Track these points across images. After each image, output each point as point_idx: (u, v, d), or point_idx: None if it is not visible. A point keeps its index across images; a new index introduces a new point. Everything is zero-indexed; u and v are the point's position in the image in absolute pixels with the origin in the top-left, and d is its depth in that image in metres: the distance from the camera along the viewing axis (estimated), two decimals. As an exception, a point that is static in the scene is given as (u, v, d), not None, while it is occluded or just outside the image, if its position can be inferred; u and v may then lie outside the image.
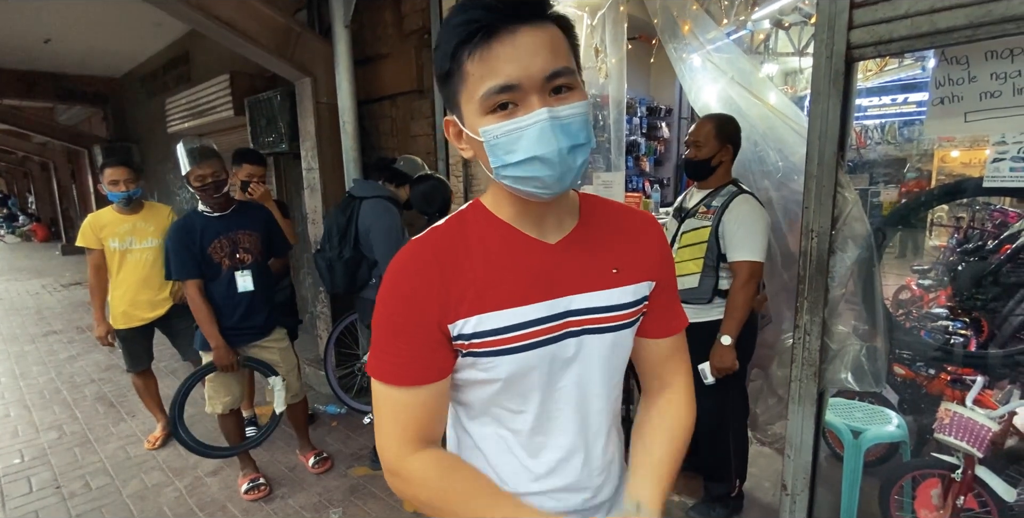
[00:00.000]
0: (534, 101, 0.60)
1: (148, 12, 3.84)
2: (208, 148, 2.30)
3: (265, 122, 3.90)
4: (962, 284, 2.48)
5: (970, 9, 1.15)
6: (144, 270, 2.80)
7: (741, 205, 1.94)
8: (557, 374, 0.74)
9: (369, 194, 2.56)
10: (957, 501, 1.68)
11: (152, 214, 2.86)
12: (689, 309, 2.04)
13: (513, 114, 0.61)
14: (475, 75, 0.60)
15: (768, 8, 3.57)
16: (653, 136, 6.09)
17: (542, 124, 0.60)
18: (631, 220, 0.79)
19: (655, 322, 0.82)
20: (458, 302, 0.68)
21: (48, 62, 6.68)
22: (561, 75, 0.61)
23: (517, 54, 0.59)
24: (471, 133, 0.64)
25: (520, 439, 0.76)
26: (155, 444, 2.96)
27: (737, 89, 2.34)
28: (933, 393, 2.20)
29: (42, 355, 4.68)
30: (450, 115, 0.69)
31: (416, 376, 0.70)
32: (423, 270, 0.69)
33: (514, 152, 0.62)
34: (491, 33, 0.59)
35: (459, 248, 0.70)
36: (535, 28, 0.60)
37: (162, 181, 7.31)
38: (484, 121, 0.62)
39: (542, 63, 0.59)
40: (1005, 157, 1.32)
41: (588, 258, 0.73)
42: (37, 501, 2.51)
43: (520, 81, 0.59)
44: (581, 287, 0.72)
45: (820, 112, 1.40)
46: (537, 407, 0.74)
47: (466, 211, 0.75)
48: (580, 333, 0.73)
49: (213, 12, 2.84)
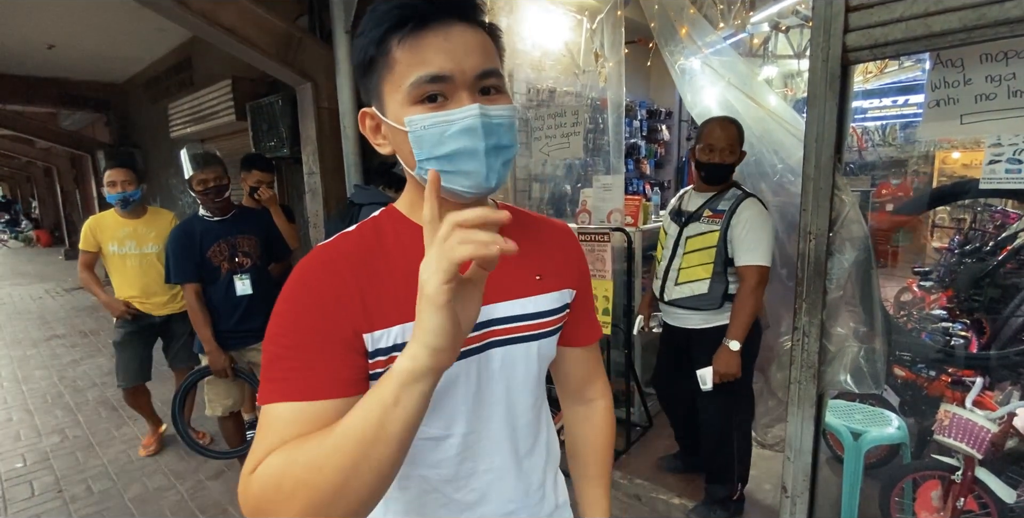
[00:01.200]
0: (464, 97, 0.58)
1: (151, 18, 3.87)
2: (210, 154, 2.33)
3: (267, 127, 3.92)
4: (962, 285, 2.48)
5: (964, 13, 1.16)
6: (146, 276, 2.78)
7: (749, 209, 1.93)
8: (483, 389, 0.69)
9: (367, 200, 2.58)
10: (957, 503, 1.68)
11: (154, 219, 2.85)
12: (697, 315, 2.06)
13: (443, 107, 0.58)
14: (404, 62, 0.58)
15: (766, 11, 3.58)
16: (653, 139, 6.10)
17: (473, 119, 0.58)
18: (550, 230, 0.79)
19: (576, 330, 0.81)
20: (376, 310, 0.61)
21: (52, 68, 6.72)
22: (492, 75, 0.60)
23: (450, 47, 0.57)
24: (394, 123, 0.61)
25: (444, 472, 0.69)
26: (151, 449, 2.92)
27: (735, 92, 2.35)
28: (933, 395, 2.20)
29: (45, 359, 4.70)
30: (368, 108, 0.66)
31: (309, 387, 0.56)
32: (334, 274, 0.61)
33: (442, 144, 0.59)
34: (424, 22, 0.57)
35: (375, 253, 0.65)
36: (468, 27, 0.59)
37: (165, 186, 7.34)
38: (410, 111, 0.59)
39: (475, 60, 0.58)
40: (1001, 159, 1.32)
41: (510, 266, 0.68)
42: (39, 505, 2.51)
43: (453, 73, 0.57)
44: (503, 295, 0.69)
45: (817, 115, 1.41)
46: (465, 427, 0.68)
47: (380, 217, 0.70)
48: (504, 342, 0.69)
49: (215, 18, 2.86)
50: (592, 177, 2.80)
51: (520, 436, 0.74)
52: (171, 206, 7.30)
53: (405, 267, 0.63)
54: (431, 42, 0.57)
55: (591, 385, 0.88)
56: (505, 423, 0.71)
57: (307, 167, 3.58)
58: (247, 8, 2.96)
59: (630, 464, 2.61)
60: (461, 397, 0.67)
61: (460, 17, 0.59)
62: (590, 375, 0.87)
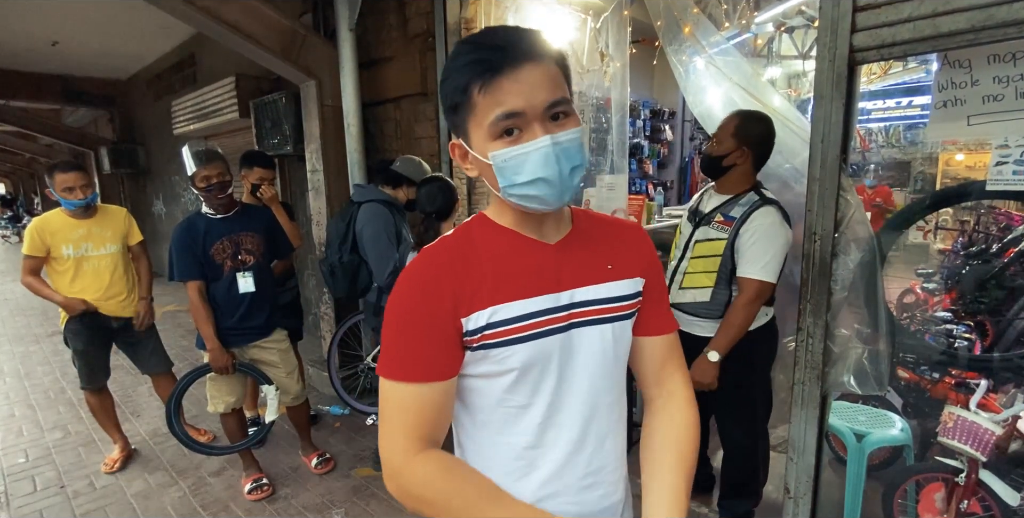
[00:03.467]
0: (536, 128, 0.68)
1: (155, 15, 3.88)
2: (213, 151, 2.33)
3: (270, 124, 3.92)
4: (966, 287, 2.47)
5: (972, 13, 1.16)
6: (104, 278, 2.63)
7: (762, 219, 1.77)
8: (565, 365, 0.77)
9: (365, 198, 2.59)
10: (961, 505, 1.68)
11: (107, 218, 2.67)
12: (698, 323, 1.97)
13: (518, 140, 0.68)
14: (483, 105, 0.68)
15: (771, 11, 3.57)
16: (656, 139, 6.10)
17: (545, 150, 0.68)
18: (619, 227, 0.88)
19: (649, 319, 0.87)
20: (471, 297, 0.73)
21: (55, 64, 6.73)
22: (559, 104, 0.69)
23: (520, 87, 0.66)
24: (479, 156, 0.72)
25: (528, 439, 0.78)
26: (113, 467, 2.74)
27: (739, 92, 2.34)
28: (937, 397, 2.20)
29: (47, 355, 4.71)
30: (456, 139, 0.76)
31: (426, 372, 0.72)
32: (436, 271, 0.74)
33: (521, 173, 0.69)
34: (498, 70, 0.66)
35: (468, 251, 0.76)
36: (536, 65, 0.67)
37: (167, 183, 7.35)
38: (492, 146, 0.69)
39: (543, 95, 0.67)
40: (1008, 160, 1.32)
41: (585, 255, 0.80)
42: (42, 500, 2.52)
43: (524, 109, 0.67)
44: (582, 281, 0.78)
45: (823, 115, 1.40)
46: (549, 397, 0.77)
47: (471, 223, 0.81)
48: (585, 323, 0.78)
49: (219, 15, 2.86)
50: (596, 177, 2.80)
51: (600, 415, 0.80)
52: (174, 203, 7.31)
53: (494, 259, 0.76)
54: (504, 85, 0.66)
55: (670, 377, 0.89)
56: (585, 400, 0.79)
57: (310, 165, 3.58)
58: (251, 5, 2.96)
59: (631, 464, 2.61)
60: (547, 371, 0.76)
61: (528, 57, 0.67)
62: (667, 366, 0.89)
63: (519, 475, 0.79)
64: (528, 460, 0.78)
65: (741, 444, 2.04)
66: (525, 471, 0.79)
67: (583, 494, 0.81)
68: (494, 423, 0.79)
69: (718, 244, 1.86)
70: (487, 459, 0.80)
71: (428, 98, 3.07)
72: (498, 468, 0.79)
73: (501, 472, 0.78)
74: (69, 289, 2.58)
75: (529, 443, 0.78)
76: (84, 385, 2.74)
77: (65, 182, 2.50)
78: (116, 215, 2.73)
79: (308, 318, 4.10)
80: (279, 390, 2.51)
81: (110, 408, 2.87)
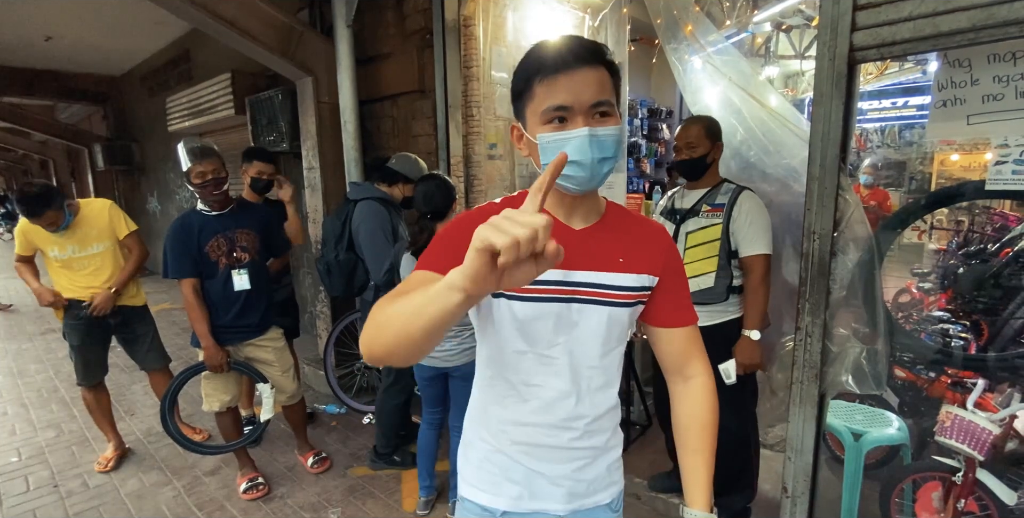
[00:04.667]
0: (579, 121, 0.81)
1: (149, 10, 3.84)
2: (208, 147, 2.31)
3: (266, 121, 3.90)
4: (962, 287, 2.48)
5: (972, 12, 1.15)
6: (97, 275, 2.61)
7: (749, 201, 1.97)
8: (560, 328, 0.90)
9: (361, 196, 2.57)
10: (958, 504, 1.68)
11: (90, 218, 2.60)
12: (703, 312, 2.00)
13: (563, 127, 0.81)
14: (541, 96, 0.81)
15: (769, 11, 3.57)
16: (654, 138, 6.08)
17: (583, 138, 0.80)
18: (644, 226, 0.98)
19: (664, 312, 0.97)
20: None
21: (49, 60, 6.68)
22: (603, 105, 0.81)
23: (573, 86, 0.80)
24: (531, 137, 0.85)
25: (522, 377, 0.93)
26: (107, 466, 2.71)
27: (737, 92, 2.34)
28: (934, 396, 2.20)
29: (40, 353, 4.67)
30: (516, 122, 0.90)
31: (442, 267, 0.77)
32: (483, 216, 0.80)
33: None
34: (559, 69, 0.80)
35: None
36: (591, 69, 0.80)
37: (162, 180, 7.31)
38: (542, 129, 0.82)
39: (590, 95, 0.80)
40: (1008, 160, 1.32)
41: (601, 246, 0.92)
42: (35, 500, 2.50)
43: (572, 105, 0.80)
44: (591, 266, 0.90)
45: (822, 114, 1.40)
46: (542, 349, 0.91)
47: (515, 196, 0.94)
48: (584, 301, 0.90)
49: (215, 10, 2.84)
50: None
51: (583, 376, 0.93)
52: (168, 200, 7.27)
53: None
54: (561, 82, 0.80)
55: (690, 363, 0.99)
56: (568, 361, 0.91)
57: (307, 162, 3.56)
58: (247, 1, 2.94)
59: (630, 463, 2.59)
60: (544, 327, 0.90)
61: (586, 63, 0.80)
62: (687, 354, 0.99)
63: (511, 403, 0.94)
64: (520, 395, 0.93)
65: (734, 431, 2.07)
66: (517, 403, 0.94)
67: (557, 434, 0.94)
68: (498, 365, 0.94)
69: (713, 229, 2.00)
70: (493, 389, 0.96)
71: (425, 95, 3.06)
72: (499, 397, 0.95)
73: (496, 396, 0.96)
74: (71, 287, 2.60)
75: (523, 381, 0.93)
76: (80, 381, 2.73)
77: (39, 222, 2.45)
78: (98, 212, 2.64)
79: (304, 316, 4.09)
80: (275, 389, 2.50)
81: (106, 406, 2.84)
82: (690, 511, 0.93)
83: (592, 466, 0.98)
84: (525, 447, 0.95)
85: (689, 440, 0.97)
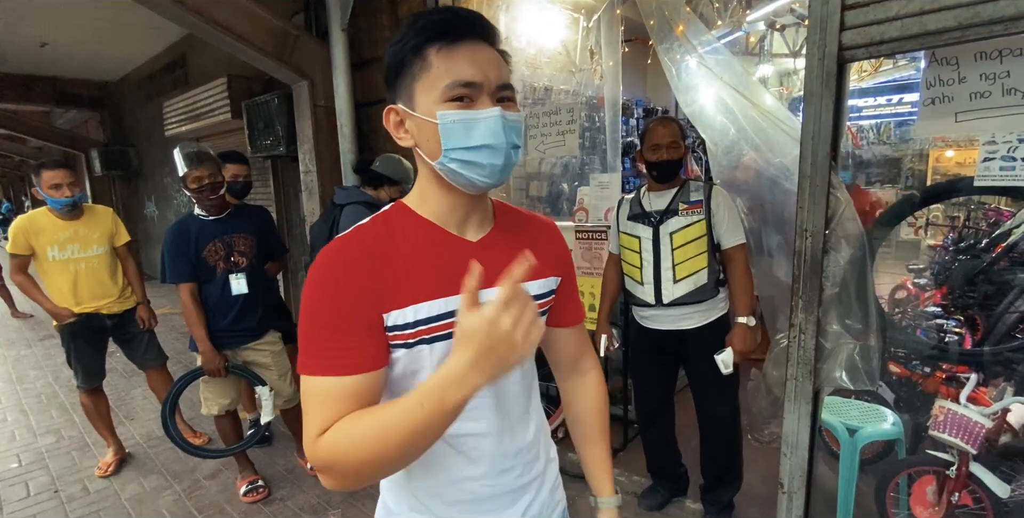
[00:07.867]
0: (487, 100, 0.70)
1: (145, 16, 3.85)
2: (204, 152, 2.32)
3: (262, 125, 3.90)
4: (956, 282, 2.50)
5: (958, 11, 1.17)
6: (94, 280, 2.61)
7: (721, 194, 2.04)
8: None
9: (348, 201, 2.57)
10: (952, 497, 1.69)
11: (94, 218, 2.65)
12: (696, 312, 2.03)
13: (469, 107, 0.70)
14: (440, 67, 0.69)
15: (762, 10, 3.59)
16: (650, 137, 6.10)
17: (496, 119, 0.70)
18: (537, 225, 0.91)
19: (565, 311, 0.93)
20: (391, 292, 0.71)
21: (45, 66, 6.67)
22: (508, 88, 0.73)
23: (479, 60, 0.70)
24: (424, 117, 0.71)
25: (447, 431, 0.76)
26: (107, 471, 2.72)
27: (729, 92, 2.36)
28: (928, 391, 2.22)
29: (39, 359, 4.67)
30: (395, 105, 0.75)
31: (347, 364, 0.68)
32: (352, 262, 0.71)
33: (470, 138, 0.70)
34: (459, 37, 0.69)
35: (386, 243, 0.74)
36: (490, 48, 0.73)
37: (159, 185, 7.31)
38: (443, 106, 0.69)
39: (497, 73, 0.71)
40: (995, 156, 1.33)
41: (506, 256, 0.74)
42: (35, 505, 2.50)
43: (481, 81, 0.69)
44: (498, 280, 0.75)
45: (813, 113, 1.41)
46: None
47: (390, 211, 0.79)
48: None
49: (210, 16, 2.85)
50: (589, 175, 2.80)
51: (510, 404, 0.84)
52: (166, 205, 7.27)
53: (412, 255, 0.74)
54: (464, 54, 0.69)
55: (583, 358, 0.99)
56: (494, 394, 0.81)
57: (303, 165, 3.57)
58: (243, 5, 2.95)
59: (628, 462, 2.62)
60: None
61: (484, 39, 0.72)
62: (580, 350, 0.98)
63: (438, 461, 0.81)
64: (451, 448, 0.80)
65: (726, 421, 2.12)
66: (449, 461, 0.81)
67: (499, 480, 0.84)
68: None
69: (698, 226, 2.02)
70: None
71: (421, 98, 3.06)
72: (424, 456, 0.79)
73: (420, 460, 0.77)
74: (69, 296, 2.57)
75: (448, 433, 0.75)
76: (79, 385, 2.73)
77: (52, 179, 2.47)
78: (103, 216, 2.71)
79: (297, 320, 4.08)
80: (273, 392, 2.50)
81: (104, 410, 2.85)
82: (604, 500, 0.94)
83: (537, 499, 0.89)
84: (467, 506, 0.83)
85: (590, 432, 0.97)
